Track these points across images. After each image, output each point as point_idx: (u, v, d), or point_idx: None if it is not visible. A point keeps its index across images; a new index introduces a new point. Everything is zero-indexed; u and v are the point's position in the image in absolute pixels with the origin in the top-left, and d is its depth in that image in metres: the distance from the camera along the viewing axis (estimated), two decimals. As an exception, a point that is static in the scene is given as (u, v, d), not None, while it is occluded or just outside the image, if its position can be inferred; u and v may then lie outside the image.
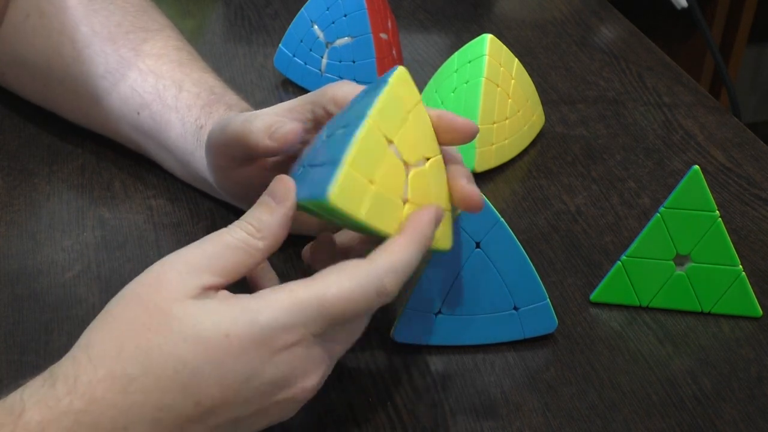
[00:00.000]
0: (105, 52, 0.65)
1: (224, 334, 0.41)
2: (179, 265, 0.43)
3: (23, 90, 0.72)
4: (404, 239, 0.44)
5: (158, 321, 0.42)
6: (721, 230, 0.55)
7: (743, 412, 0.52)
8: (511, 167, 0.71)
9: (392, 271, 0.43)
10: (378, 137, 0.44)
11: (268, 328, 0.42)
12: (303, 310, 0.42)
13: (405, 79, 0.48)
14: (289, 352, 0.42)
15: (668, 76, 0.83)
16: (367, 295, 0.43)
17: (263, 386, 0.42)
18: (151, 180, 0.67)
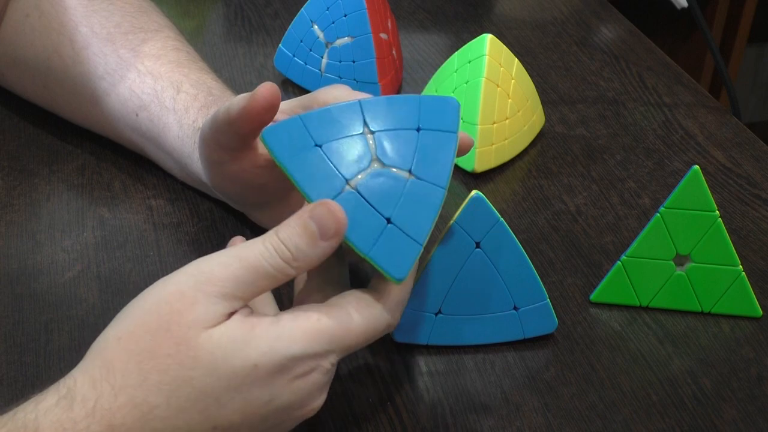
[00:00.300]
0: (104, 53, 0.65)
1: (253, 365, 0.42)
2: (207, 286, 0.42)
3: (23, 90, 0.72)
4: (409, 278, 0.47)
5: (185, 353, 0.41)
6: (721, 230, 0.55)
7: (743, 412, 0.52)
8: (511, 167, 0.71)
9: (400, 304, 0.47)
10: None
11: (295, 359, 0.43)
12: (325, 340, 0.44)
13: None
14: (308, 378, 0.44)
15: (668, 76, 0.83)
16: (380, 329, 0.46)
17: (280, 409, 0.43)
18: (151, 180, 0.67)
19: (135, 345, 0.41)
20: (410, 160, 0.46)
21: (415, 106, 0.47)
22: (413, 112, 0.47)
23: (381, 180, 0.45)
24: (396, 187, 0.45)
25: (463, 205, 0.52)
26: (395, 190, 0.45)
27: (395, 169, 0.46)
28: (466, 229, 0.52)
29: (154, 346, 0.41)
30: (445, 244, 0.52)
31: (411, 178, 0.46)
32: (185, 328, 0.41)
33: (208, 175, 0.58)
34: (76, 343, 0.54)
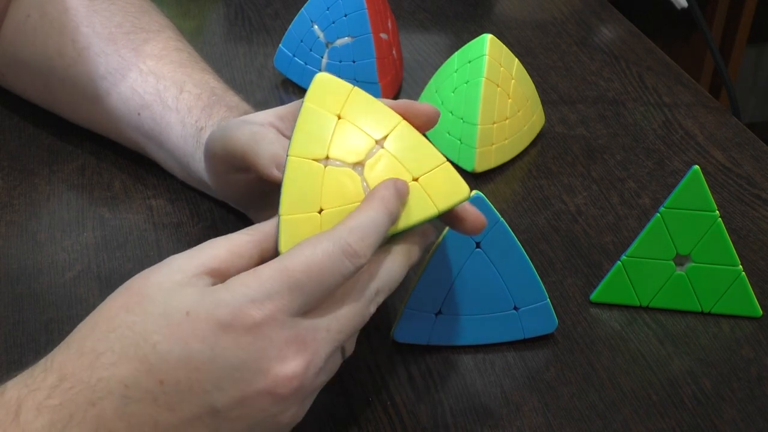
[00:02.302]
0: (106, 53, 0.65)
1: (186, 312, 0.41)
2: (178, 256, 0.44)
3: (24, 90, 0.72)
4: (365, 203, 0.45)
5: (134, 301, 0.42)
6: (721, 230, 0.55)
7: (743, 412, 0.52)
8: (511, 167, 0.71)
9: (356, 228, 0.43)
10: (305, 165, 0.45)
11: (231, 306, 0.41)
12: (266, 282, 0.41)
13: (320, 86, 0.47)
14: (257, 332, 0.41)
15: (668, 76, 0.83)
16: (331, 257, 0.42)
17: (233, 369, 0.41)
18: (151, 180, 0.67)
19: (99, 307, 0.43)
20: None
21: None
22: None
23: None
24: None
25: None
26: None
27: None
28: None
29: (110, 303, 0.43)
30: (445, 244, 0.52)
31: None
32: (145, 285, 0.42)
33: (212, 180, 0.58)
34: (77, 343, 0.54)
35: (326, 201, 0.45)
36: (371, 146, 0.46)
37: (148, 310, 0.42)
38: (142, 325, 0.41)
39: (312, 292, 0.42)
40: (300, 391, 0.42)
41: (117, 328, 0.42)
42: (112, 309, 0.42)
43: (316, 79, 0.47)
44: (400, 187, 0.46)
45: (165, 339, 0.41)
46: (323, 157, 0.45)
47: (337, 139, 0.46)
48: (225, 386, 0.41)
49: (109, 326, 0.42)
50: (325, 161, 0.45)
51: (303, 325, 0.42)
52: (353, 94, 0.47)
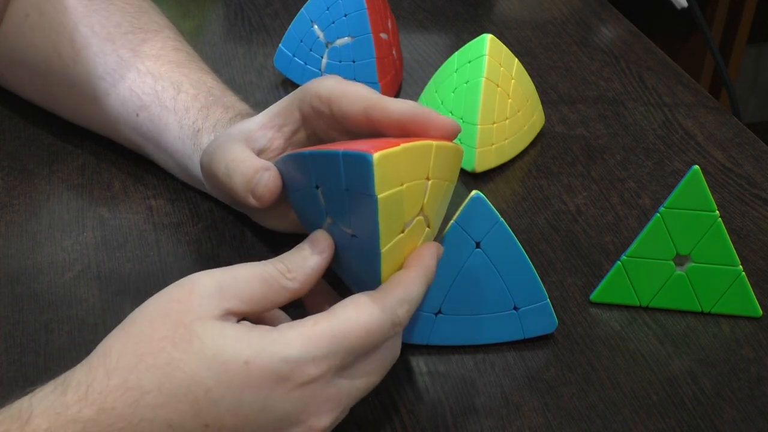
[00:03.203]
0: (104, 53, 0.65)
1: (244, 362, 0.41)
2: (209, 285, 0.43)
3: (23, 90, 0.72)
4: (414, 272, 0.46)
5: (180, 336, 0.41)
6: (721, 230, 0.55)
7: (743, 412, 0.52)
8: (511, 167, 0.71)
9: (405, 302, 0.45)
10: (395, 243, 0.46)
11: (290, 362, 0.42)
12: (324, 342, 0.42)
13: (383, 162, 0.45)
14: (307, 388, 0.42)
15: (668, 76, 0.83)
16: (383, 326, 0.44)
17: (276, 419, 0.42)
18: (151, 180, 0.67)
19: (134, 329, 0.42)
20: (348, 221, 0.46)
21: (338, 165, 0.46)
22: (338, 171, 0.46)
23: (337, 232, 0.47)
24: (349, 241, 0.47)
25: (463, 205, 0.52)
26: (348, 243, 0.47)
27: (342, 225, 0.47)
28: (466, 229, 0.52)
29: (151, 330, 0.42)
30: (445, 244, 0.52)
31: (354, 237, 0.46)
32: (183, 314, 0.42)
33: (209, 188, 0.58)
34: (76, 343, 0.54)
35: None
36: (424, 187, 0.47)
37: (199, 351, 0.41)
38: (193, 366, 0.41)
39: (358, 354, 0.44)
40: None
41: (165, 366, 0.41)
42: (156, 341, 0.42)
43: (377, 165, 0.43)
44: (440, 253, 0.49)
45: (218, 386, 0.41)
46: (402, 229, 0.46)
47: (406, 204, 0.46)
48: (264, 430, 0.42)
49: (155, 362, 0.41)
50: (403, 230, 0.46)
51: (342, 384, 0.44)
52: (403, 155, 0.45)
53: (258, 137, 0.55)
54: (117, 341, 0.42)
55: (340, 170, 0.45)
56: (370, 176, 0.43)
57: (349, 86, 0.52)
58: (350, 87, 0.52)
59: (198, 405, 0.41)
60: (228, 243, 0.62)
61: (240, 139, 0.54)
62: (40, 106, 0.71)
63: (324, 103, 0.52)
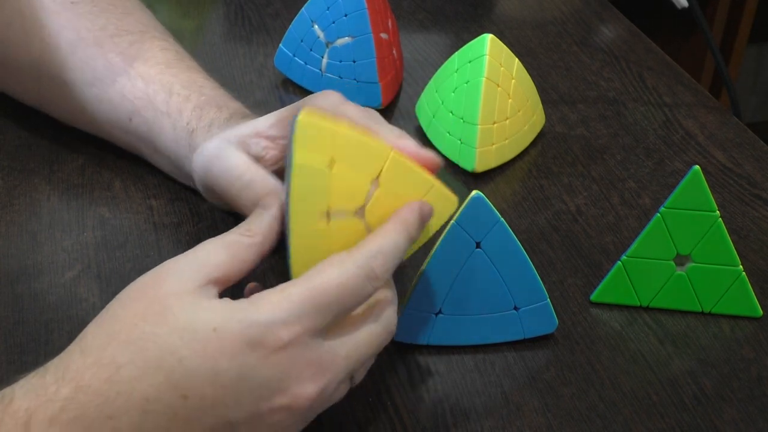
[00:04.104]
0: (92, 58, 0.65)
1: (213, 329, 0.41)
2: (181, 262, 0.44)
3: (22, 96, 0.71)
4: (391, 225, 0.46)
5: (153, 311, 0.42)
6: (722, 230, 0.55)
7: (743, 412, 0.52)
8: (512, 167, 0.71)
9: (379, 253, 0.45)
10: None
11: (262, 326, 0.42)
12: (295, 303, 0.42)
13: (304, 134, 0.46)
14: (284, 352, 0.42)
15: (669, 76, 0.83)
16: (356, 279, 0.43)
17: (257, 387, 0.42)
18: (151, 180, 0.67)
19: (109, 313, 0.43)
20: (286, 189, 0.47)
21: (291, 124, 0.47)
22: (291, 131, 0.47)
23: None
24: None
25: (463, 205, 0.52)
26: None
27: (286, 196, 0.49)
28: (466, 229, 0.52)
29: (125, 311, 0.43)
30: (445, 244, 0.52)
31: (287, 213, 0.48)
32: (158, 292, 0.43)
33: (205, 195, 0.59)
34: (77, 343, 0.54)
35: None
36: (368, 188, 0.47)
37: (171, 323, 0.42)
38: (165, 337, 0.41)
39: (335, 313, 0.43)
40: (309, 411, 0.44)
41: (137, 340, 0.41)
42: (129, 318, 0.42)
43: (298, 126, 0.45)
44: (425, 212, 0.48)
45: (192, 354, 0.41)
46: (324, 212, 0.46)
47: (334, 190, 0.46)
48: (245, 402, 0.42)
49: (129, 337, 0.41)
50: (327, 216, 0.46)
51: (324, 348, 0.43)
52: (339, 134, 0.46)
53: (252, 145, 0.56)
54: (92, 325, 0.43)
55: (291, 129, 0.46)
56: (292, 133, 0.44)
57: (347, 108, 0.53)
58: (347, 109, 0.53)
59: (174, 376, 0.41)
60: (228, 243, 0.62)
61: (237, 144, 0.55)
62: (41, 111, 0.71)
63: None
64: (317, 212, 0.46)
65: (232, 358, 0.41)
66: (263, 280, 0.58)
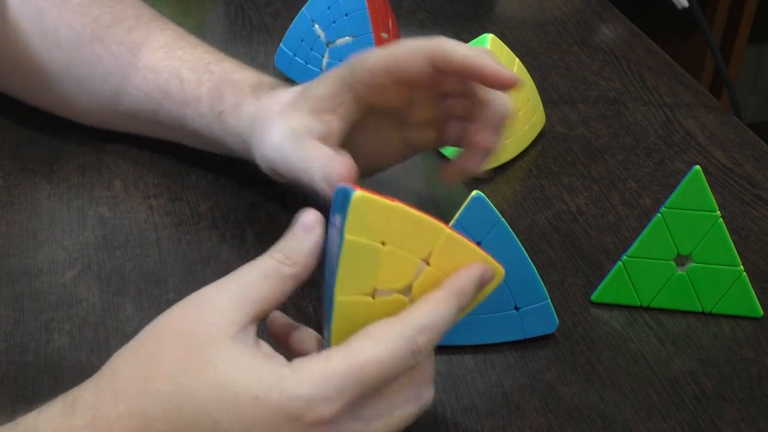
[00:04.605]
0: (96, 54, 0.65)
1: (254, 396, 0.40)
2: (222, 298, 0.42)
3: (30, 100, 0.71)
4: (443, 294, 0.43)
5: (192, 362, 0.40)
6: (722, 230, 0.55)
7: (744, 412, 0.52)
8: (512, 167, 0.71)
9: (427, 328, 0.42)
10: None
11: (304, 400, 0.40)
12: (338, 380, 0.40)
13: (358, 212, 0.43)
14: (320, 428, 0.40)
15: (669, 76, 0.83)
16: (401, 353, 0.41)
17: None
18: (151, 180, 0.67)
19: (143, 351, 0.41)
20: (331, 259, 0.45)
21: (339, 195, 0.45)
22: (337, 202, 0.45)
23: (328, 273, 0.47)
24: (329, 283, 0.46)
25: (463, 205, 0.52)
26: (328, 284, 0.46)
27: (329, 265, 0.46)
28: (466, 229, 0.52)
29: (161, 352, 0.41)
30: None
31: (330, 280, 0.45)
32: (195, 336, 0.41)
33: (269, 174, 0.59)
34: (77, 343, 0.54)
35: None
36: (417, 267, 0.44)
37: (210, 379, 0.40)
38: (203, 395, 0.40)
39: (376, 387, 0.41)
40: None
41: (174, 393, 0.40)
42: (165, 364, 0.41)
43: (353, 204, 0.42)
44: (486, 278, 0.45)
45: (227, 417, 0.40)
46: (371, 291, 0.44)
47: (383, 270, 0.44)
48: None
49: (164, 388, 0.40)
50: (373, 294, 0.44)
51: (359, 427, 0.42)
52: (395, 213, 0.43)
53: (315, 126, 0.55)
54: (125, 362, 0.41)
55: (337, 201, 0.45)
56: (346, 211, 0.42)
57: (400, 48, 0.54)
58: (401, 48, 0.54)
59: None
60: (228, 242, 0.62)
61: (302, 132, 0.55)
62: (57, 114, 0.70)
63: (381, 75, 0.53)
64: (364, 290, 0.44)
65: (268, 427, 0.40)
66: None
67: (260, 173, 0.66)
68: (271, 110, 0.57)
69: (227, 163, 0.68)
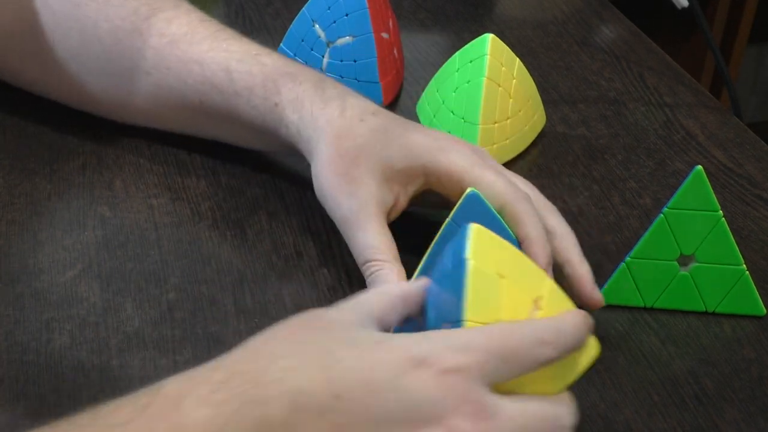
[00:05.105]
0: (138, 48, 0.64)
1: (376, 341, 0.41)
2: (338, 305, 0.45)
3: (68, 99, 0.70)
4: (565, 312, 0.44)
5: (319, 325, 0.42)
6: (725, 230, 0.55)
7: (745, 412, 0.52)
8: (513, 167, 0.71)
9: (553, 329, 0.42)
10: None
11: (430, 345, 0.40)
12: (466, 337, 0.41)
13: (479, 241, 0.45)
14: (446, 377, 0.39)
15: (669, 76, 0.83)
16: (527, 339, 0.41)
17: (410, 406, 0.39)
18: (151, 179, 0.67)
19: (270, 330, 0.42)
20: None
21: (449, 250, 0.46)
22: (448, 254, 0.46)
23: None
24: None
25: (459, 202, 0.52)
26: None
27: None
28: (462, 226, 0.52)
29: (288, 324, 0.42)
30: (442, 240, 0.52)
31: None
32: (319, 316, 0.43)
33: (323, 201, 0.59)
34: (77, 342, 0.54)
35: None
36: (530, 308, 0.45)
37: (334, 333, 0.42)
38: (327, 341, 0.41)
39: (500, 360, 0.40)
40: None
41: (300, 341, 0.41)
42: (293, 327, 0.42)
43: (473, 232, 0.44)
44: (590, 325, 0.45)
45: (352, 357, 0.40)
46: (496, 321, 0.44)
47: (504, 301, 0.44)
48: (397, 419, 0.39)
49: (291, 337, 0.41)
50: None
51: (488, 396, 0.40)
52: (508, 250, 0.46)
53: (386, 196, 0.56)
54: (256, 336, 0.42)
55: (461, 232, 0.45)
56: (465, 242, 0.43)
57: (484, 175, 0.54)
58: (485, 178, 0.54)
59: (329, 372, 0.39)
60: (229, 242, 0.62)
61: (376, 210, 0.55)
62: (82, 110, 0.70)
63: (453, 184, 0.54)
64: (489, 319, 0.43)
65: (390, 369, 0.39)
66: (263, 280, 0.59)
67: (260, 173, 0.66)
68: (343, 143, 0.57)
69: (227, 163, 0.68)
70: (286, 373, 0.39)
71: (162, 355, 0.53)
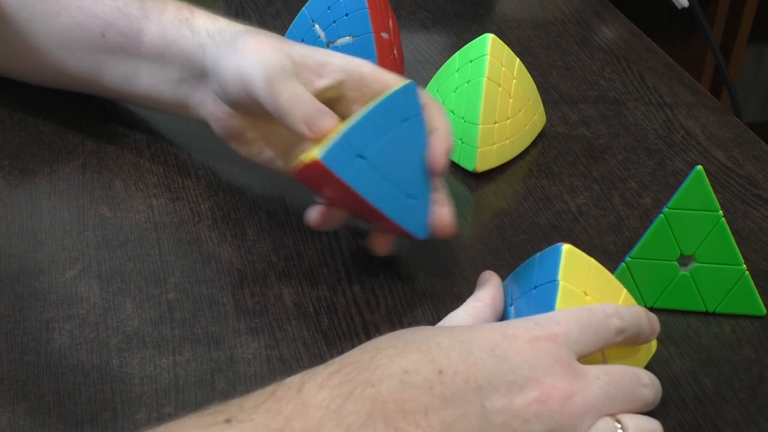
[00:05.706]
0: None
1: (468, 326, 0.47)
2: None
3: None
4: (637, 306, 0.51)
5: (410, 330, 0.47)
6: (725, 230, 0.55)
7: (745, 412, 0.52)
8: (513, 167, 0.71)
9: (621, 311, 0.48)
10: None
11: (517, 325, 0.46)
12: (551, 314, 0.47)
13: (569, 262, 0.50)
14: (537, 342, 0.45)
15: (669, 76, 0.83)
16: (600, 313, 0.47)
17: (509, 371, 0.44)
18: (151, 179, 0.67)
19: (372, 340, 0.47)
20: None
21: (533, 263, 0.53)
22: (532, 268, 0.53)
23: None
24: None
25: (395, 88, 0.55)
26: None
27: None
28: (387, 112, 0.55)
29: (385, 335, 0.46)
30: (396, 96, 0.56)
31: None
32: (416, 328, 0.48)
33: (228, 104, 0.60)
34: (77, 342, 0.54)
35: None
36: None
37: (430, 330, 0.47)
38: (424, 333, 0.46)
39: (585, 332, 0.46)
40: (562, 415, 0.44)
41: (400, 338, 0.45)
42: (392, 334, 0.46)
43: (566, 254, 0.50)
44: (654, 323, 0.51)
45: (448, 339, 0.45)
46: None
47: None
48: (498, 385, 0.43)
49: (392, 338, 0.45)
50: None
51: (575, 362, 0.46)
52: (592, 267, 0.51)
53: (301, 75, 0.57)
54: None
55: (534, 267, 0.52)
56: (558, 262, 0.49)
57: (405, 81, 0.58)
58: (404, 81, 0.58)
59: (430, 353, 0.43)
60: (229, 242, 0.62)
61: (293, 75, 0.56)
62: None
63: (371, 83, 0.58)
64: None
65: (485, 342, 0.44)
66: (263, 280, 0.59)
67: (260, 173, 0.66)
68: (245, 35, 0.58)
69: (227, 163, 0.68)
70: (392, 359, 0.43)
71: (162, 355, 0.54)
